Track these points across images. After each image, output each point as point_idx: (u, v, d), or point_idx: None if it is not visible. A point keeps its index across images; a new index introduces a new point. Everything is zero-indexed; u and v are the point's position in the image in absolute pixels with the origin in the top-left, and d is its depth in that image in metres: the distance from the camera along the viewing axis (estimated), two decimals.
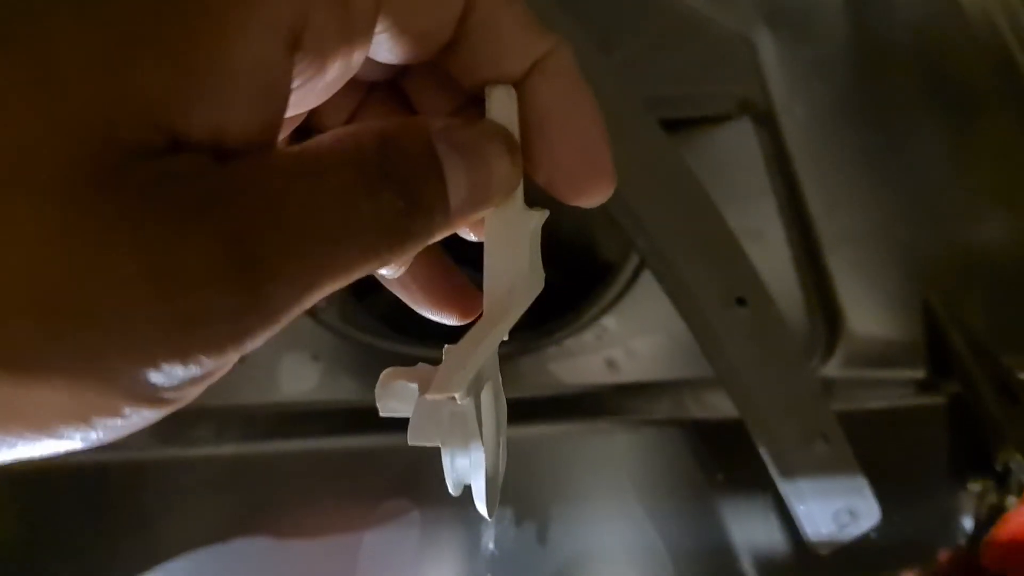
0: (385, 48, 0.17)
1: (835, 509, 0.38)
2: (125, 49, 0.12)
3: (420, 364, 0.20)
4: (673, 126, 0.50)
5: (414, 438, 0.19)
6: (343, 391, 0.45)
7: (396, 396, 0.19)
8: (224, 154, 0.13)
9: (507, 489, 0.42)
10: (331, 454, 0.41)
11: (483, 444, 0.19)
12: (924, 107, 0.54)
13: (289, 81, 0.15)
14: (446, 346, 0.20)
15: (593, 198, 0.19)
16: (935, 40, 0.57)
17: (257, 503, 0.40)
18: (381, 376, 0.20)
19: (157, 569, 0.38)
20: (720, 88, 0.53)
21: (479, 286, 0.23)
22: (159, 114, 0.12)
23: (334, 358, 0.45)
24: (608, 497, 0.42)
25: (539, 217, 0.19)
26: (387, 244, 0.15)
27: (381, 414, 0.20)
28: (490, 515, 0.20)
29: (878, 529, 0.40)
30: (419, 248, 0.16)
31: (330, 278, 0.14)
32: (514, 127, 0.18)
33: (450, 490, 0.20)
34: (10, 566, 0.38)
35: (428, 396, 0.18)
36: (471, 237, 0.21)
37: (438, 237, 0.17)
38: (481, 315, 0.21)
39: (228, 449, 0.41)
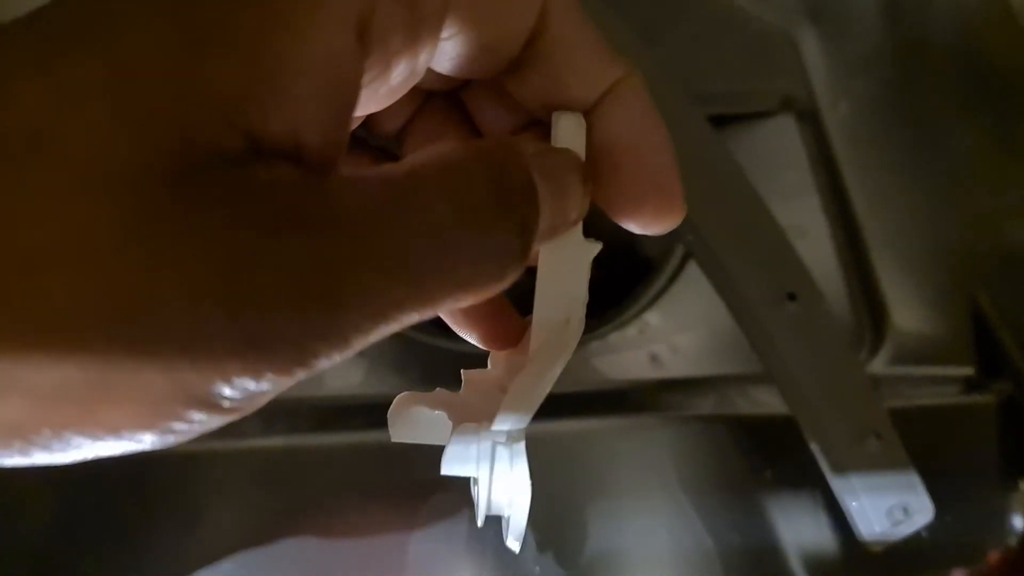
0: (449, 57, 0.17)
1: (888, 506, 0.38)
2: (198, 47, 0.12)
3: (438, 390, 0.20)
4: (714, 123, 0.50)
5: (450, 468, 0.18)
6: (388, 386, 0.45)
7: (415, 422, 0.19)
8: (301, 159, 0.13)
9: (553, 483, 0.42)
10: (379, 447, 0.41)
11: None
12: (970, 102, 0.54)
13: (360, 76, 0.14)
14: (464, 371, 0.20)
15: (661, 229, 0.18)
16: (980, 33, 0.56)
17: (305, 494, 0.40)
18: (396, 401, 0.19)
19: (203, 560, 0.38)
20: (762, 84, 0.53)
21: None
22: (235, 114, 0.12)
23: (379, 353, 0.45)
24: (654, 493, 0.42)
25: (596, 249, 0.19)
26: (480, 283, 0.14)
27: (393, 439, 0.19)
28: (519, 549, 0.20)
29: (927, 528, 0.40)
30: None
31: (411, 314, 0.13)
32: (582, 156, 0.18)
33: (478, 521, 0.19)
34: (52, 559, 0.39)
35: (494, 427, 0.18)
36: None
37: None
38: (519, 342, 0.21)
39: (276, 442, 0.41)
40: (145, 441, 0.13)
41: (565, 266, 0.19)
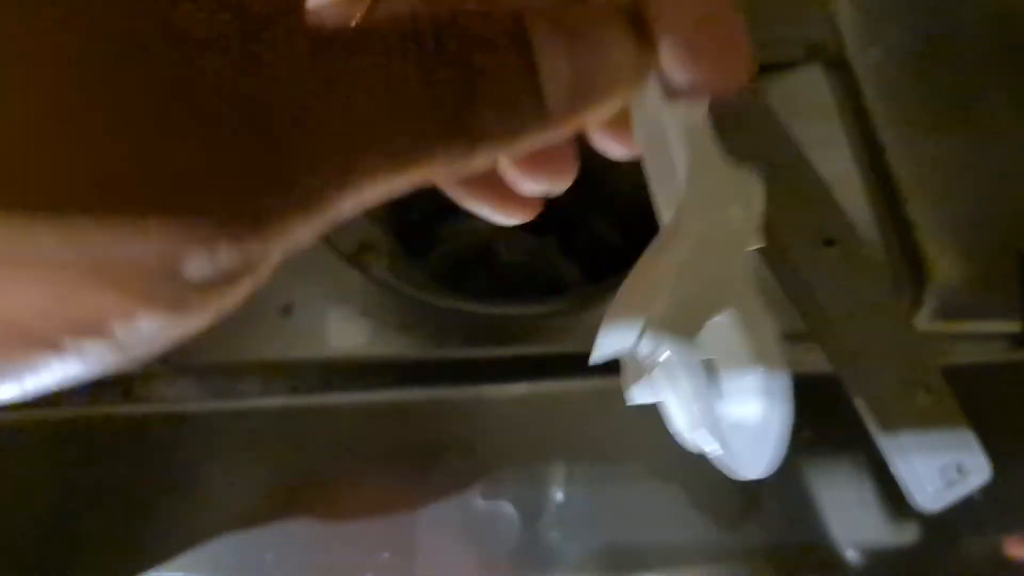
0: None
1: (941, 464, 0.35)
2: None
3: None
4: None
5: (633, 397, 0.17)
6: (393, 346, 0.42)
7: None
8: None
9: (572, 444, 0.39)
10: (385, 408, 0.39)
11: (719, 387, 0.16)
12: (1005, 46, 0.51)
13: None
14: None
15: (728, 85, 0.15)
16: None
17: (306, 456, 0.37)
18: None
19: (202, 527, 0.35)
20: (787, 32, 0.50)
21: None
22: None
23: (383, 313, 0.43)
24: (681, 454, 0.39)
25: (696, 106, 0.16)
26: (444, 138, 0.13)
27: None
28: (764, 472, 0.17)
29: (980, 491, 0.37)
30: (501, 151, 0.13)
31: (375, 170, 0.12)
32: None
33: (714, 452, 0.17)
34: (44, 525, 0.36)
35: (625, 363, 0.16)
36: (617, 153, 0.18)
37: (532, 140, 0.14)
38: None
39: (275, 402, 0.38)
40: (80, 355, 0.11)
41: (655, 141, 0.16)
